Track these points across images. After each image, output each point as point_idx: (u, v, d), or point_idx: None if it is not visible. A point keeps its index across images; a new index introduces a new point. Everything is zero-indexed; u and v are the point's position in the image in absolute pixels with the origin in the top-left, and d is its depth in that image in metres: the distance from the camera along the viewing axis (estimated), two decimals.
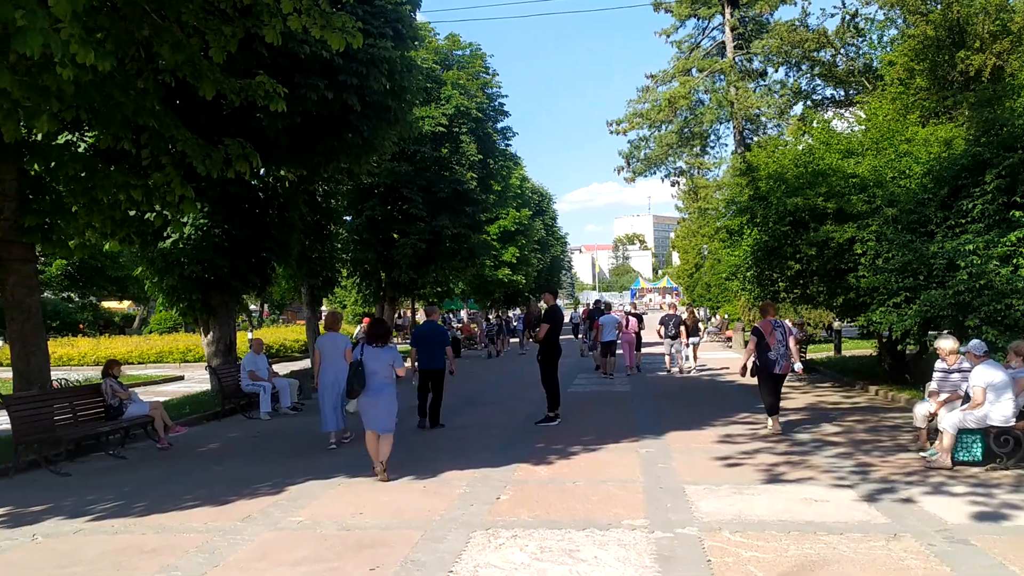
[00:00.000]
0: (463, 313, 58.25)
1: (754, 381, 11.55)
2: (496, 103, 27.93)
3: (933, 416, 9.21)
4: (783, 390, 15.48)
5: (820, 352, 23.60)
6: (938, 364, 9.57)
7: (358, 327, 27.21)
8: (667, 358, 20.93)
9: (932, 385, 9.57)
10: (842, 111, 24.17)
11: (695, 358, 21.62)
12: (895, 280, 12.45)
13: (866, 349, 24.55)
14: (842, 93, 26.37)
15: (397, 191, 25.15)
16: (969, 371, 9.08)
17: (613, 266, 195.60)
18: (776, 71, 33.55)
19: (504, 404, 14.26)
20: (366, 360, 8.57)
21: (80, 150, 12.81)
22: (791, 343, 11.14)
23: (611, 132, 33.06)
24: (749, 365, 11.39)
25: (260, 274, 16.15)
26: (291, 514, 7.00)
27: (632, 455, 9.39)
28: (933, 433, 9.29)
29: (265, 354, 14.89)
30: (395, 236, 25.79)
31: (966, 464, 8.43)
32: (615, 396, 15.79)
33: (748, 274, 16.07)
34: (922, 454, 8.99)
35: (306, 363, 23.02)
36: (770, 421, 11.04)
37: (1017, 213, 11.54)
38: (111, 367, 10.93)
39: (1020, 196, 11.79)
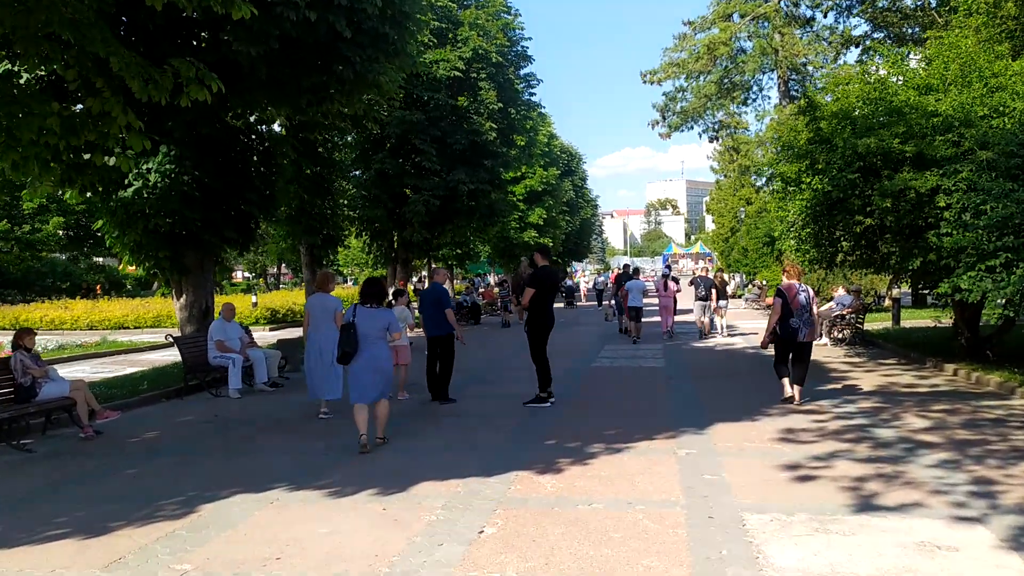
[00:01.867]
0: (491, 277, 56.15)
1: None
2: (519, 48, 25.49)
3: None
4: (845, 368, 13.38)
5: (875, 323, 21.16)
6: None
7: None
8: (698, 323, 20.36)
9: None
10: (906, 51, 21.42)
11: (723, 322, 20.71)
12: (989, 238, 10.10)
13: (924, 319, 22.05)
14: (906, 31, 23.50)
15: (409, 142, 22.97)
16: None
17: (645, 231, 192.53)
18: (825, 16, 30.71)
19: (514, 383, 12.13)
20: (359, 322, 7.91)
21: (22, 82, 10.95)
22: (814, 310, 10.13)
23: (644, 82, 30.64)
24: (773, 330, 10.09)
25: (241, 229, 14.10)
26: (182, 555, 4.94)
27: (669, 460, 7.22)
28: None
29: (239, 322, 12.94)
30: (407, 192, 23.66)
31: None
32: (646, 373, 13.60)
33: (804, 232, 13.70)
34: None
35: None
36: (785, 384, 10.11)
37: None
38: (22, 337, 8.89)
39: None
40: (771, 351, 10.51)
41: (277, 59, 11.61)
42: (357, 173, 24.49)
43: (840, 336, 17.53)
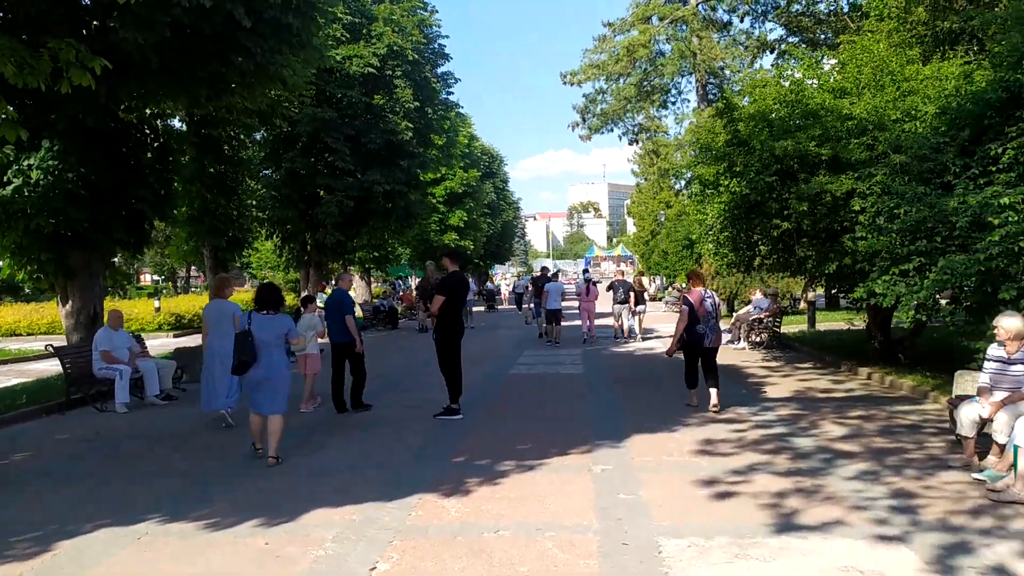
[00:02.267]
0: (412, 280, 55.32)
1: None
2: (436, 45, 24.89)
3: (986, 422, 6.84)
4: (763, 373, 13.21)
5: (791, 325, 21.35)
6: (993, 350, 7.16)
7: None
8: (616, 326, 20.11)
9: (983, 378, 7.17)
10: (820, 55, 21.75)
11: (640, 327, 20.61)
12: (902, 242, 10.08)
13: (838, 322, 22.38)
14: (820, 36, 23.84)
15: (321, 141, 22.14)
16: None
17: (568, 234, 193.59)
18: (741, 21, 31.09)
19: (428, 390, 11.61)
20: (254, 330, 7.58)
21: None
22: (719, 316, 10.32)
23: (564, 83, 30.40)
24: (680, 337, 10.12)
25: (132, 230, 13.17)
26: None
27: (583, 477, 6.81)
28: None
29: (135, 331, 12.04)
30: (321, 193, 22.82)
31: None
32: (565, 380, 13.23)
33: (722, 235, 13.56)
34: (976, 476, 6.57)
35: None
36: (691, 394, 10.22)
37: None
38: None
39: None
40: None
41: (170, 48, 10.86)
42: (267, 172, 23.55)
43: (758, 340, 17.54)
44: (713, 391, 9.89)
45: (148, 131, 13.97)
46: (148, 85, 11.73)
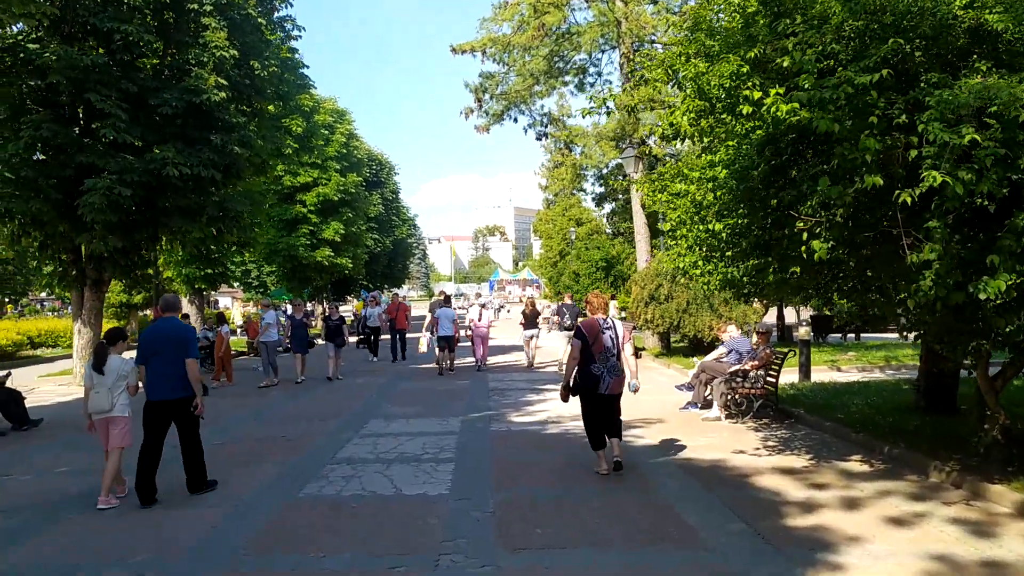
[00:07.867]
0: (288, 307, 47.14)
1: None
2: None
3: None
4: (794, 494, 6.36)
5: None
6: None
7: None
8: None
9: None
10: None
11: (533, 353, 19.02)
12: None
13: (818, 365, 16.15)
14: None
15: (84, 99, 14.66)
16: None
17: (473, 257, 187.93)
18: None
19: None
20: None
21: None
22: (627, 353, 7.60)
23: (453, 52, 23.58)
24: (570, 381, 7.62)
25: None
26: None
27: None
28: None
29: None
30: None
31: None
32: (403, 517, 6.25)
33: (723, 225, 6.81)
34: None
35: None
36: (600, 459, 7.58)
37: None
38: None
39: None
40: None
41: None
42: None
43: (740, 404, 10.97)
44: (614, 441, 7.64)
45: None
46: None
